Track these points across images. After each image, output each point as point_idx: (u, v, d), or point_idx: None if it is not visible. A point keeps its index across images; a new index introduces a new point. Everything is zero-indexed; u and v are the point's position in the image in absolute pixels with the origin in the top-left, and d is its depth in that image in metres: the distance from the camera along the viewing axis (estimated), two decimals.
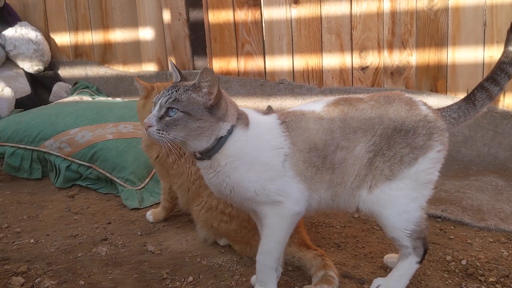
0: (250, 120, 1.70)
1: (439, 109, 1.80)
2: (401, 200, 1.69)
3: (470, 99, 1.78)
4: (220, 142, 1.64)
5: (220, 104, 1.64)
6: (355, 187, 1.72)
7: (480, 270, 2.00)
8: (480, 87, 1.78)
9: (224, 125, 1.65)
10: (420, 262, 1.77)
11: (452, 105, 1.80)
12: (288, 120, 1.71)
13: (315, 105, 1.76)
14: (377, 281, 1.81)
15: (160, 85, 2.38)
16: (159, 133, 1.58)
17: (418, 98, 1.81)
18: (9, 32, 4.23)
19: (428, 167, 1.70)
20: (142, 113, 2.34)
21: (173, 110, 1.58)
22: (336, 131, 1.68)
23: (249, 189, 1.65)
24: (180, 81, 1.73)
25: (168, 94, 1.62)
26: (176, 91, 1.62)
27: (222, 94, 1.65)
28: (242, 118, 1.69)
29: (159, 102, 1.62)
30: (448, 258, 2.10)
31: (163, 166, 2.39)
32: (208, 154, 1.66)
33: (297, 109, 1.78)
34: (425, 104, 1.77)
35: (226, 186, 1.68)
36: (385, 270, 1.99)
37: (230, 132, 1.65)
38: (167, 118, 1.59)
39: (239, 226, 2.07)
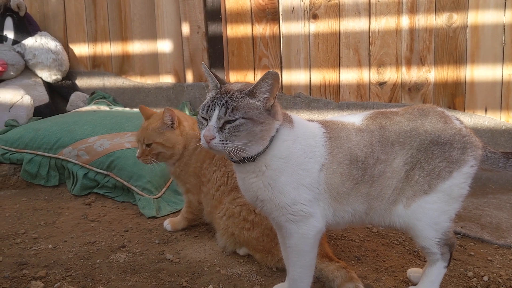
0: (294, 120, 1.67)
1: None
2: (433, 213, 1.71)
3: (508, 155, 1.79)
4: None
5: (275, 102, 1.59)
6: (392, 201, 1.71)
7: (502, 286, 1.98)
8: None
9: (276, 124, 1.59)
10: (447, 266, 1.81)
11: (491, 148, 1.81)
12: (330, 130, 1.69)
13: (353, 118, 1.76)
14: None
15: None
16: (223, 143, 1.50)
17: None
18: (29, 41, 4.30)
19: (461, 181, 1.71)
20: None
21: (234, 118, 1.50)
22: (375, 144, 1.68)
23: (288, 196, 1.60)
24: (221, 86, 1.63)
25: (223, 103, 1.53)
26: (230, 97, 1.54)
27: None
28: (286, 117, 1.66)
29: (216, 113, 1.53)
30: (470, 274, 2.08)
31: (198, 177, 2.37)
32: (254, 156, 1.58)
33: (336, 119, 1.77)
34: (458, 119, 1.78)
35: (269, 191, 1.61)
36: (407, 284, 1.97)
37: (276, 131, 1.60)
38: (228, 126, 1.51)
39: (262, 234, 2.06)
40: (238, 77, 3.94)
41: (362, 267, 2.14)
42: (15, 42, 4.31)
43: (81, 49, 4.51)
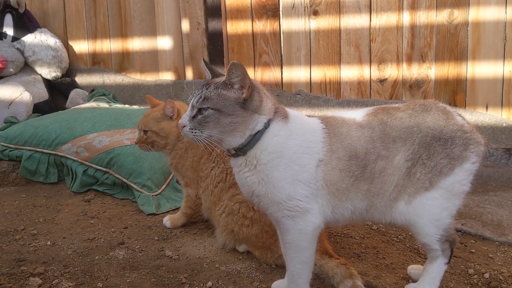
0: (290, 115, 1.66)
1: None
2: (435, 210, 1.70)
3: (510, 152, 1.78)
4: (256, 137, 1.59)
5: (253, 96, 1.59)
6: (393, 198, 1.70)
7: (504, 284, 1.97)
8: None
9: (259, 118, 1.60)
10: (448, 263, 1.80)
11: (493, 145, 1.80)
12: (329, 126, 1.68)
13: (354, 114, 1.75)
14: (410, 286, 1.84)
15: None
16: (192, 132, 1.57)
17: None
18: (29, 38, 4.28)
19: (463, 178, 1.70)
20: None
21: (204, 108, 1.56)
22: (376, 140, 1.67)
23: (283, 191, 1.60)
24: (211, 78, 1.70)
25: (198, 94, 1.59)
26: (206, 89, 1.59)
27: (254, 85, 1.60)
28: (280, 112, 1.64)
29: (191, 102, 1.60)
30: (471, 271, 2.07)
31: (195, 171, 2.37)
32: (243, 150, 1.60)
33: (337, 115, 1.76)
34: (460, 114, 1.77)
35: (263, 186, 1.61)
36: (408, 281, 1.96)
37: (266, 126, 1.60)
38: (199, 117, 1.57)
39: (261, 231, 2.05)
40: None
41: (362, 264, 2.13)
42: (14, 38, 4.29)
43: (81, 46, 4.50)
